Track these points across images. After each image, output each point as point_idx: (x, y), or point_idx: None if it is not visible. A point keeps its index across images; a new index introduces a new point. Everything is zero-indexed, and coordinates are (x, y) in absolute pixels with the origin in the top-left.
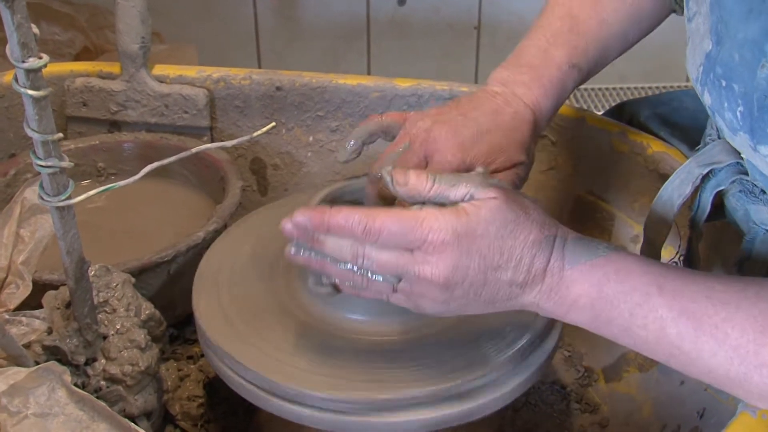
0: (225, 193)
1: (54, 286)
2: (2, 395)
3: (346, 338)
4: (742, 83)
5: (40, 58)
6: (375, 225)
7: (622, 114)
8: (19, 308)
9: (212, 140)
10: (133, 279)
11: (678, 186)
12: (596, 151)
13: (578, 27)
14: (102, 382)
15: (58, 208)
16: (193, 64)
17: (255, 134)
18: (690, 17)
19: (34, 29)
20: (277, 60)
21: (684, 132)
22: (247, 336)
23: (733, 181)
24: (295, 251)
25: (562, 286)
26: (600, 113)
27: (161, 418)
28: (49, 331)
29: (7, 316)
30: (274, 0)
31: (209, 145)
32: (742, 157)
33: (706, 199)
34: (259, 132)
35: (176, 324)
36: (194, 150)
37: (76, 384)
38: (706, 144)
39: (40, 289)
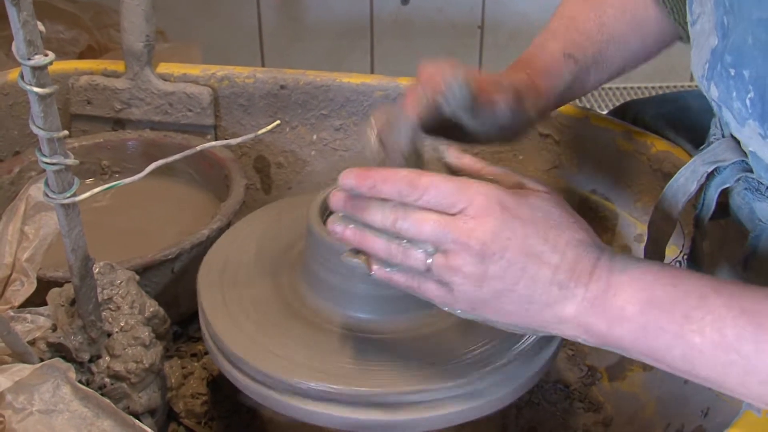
0: (229, 192)
1: (58, 284)
2: (7, 392)
3: (352, 336)
4: (754, 67)
5: (46, 56)
6: (422, 181)
7: (626, 114)
8: (24, 305)
9: (216, 138)
10: (138, 276)
11: (682, 184)
12: (600, 151)
13: (576, 25)
14: (106, 379)
15: (63, 206)
16: (197, 63)
17: (259, 132)
18: (693, 21)
19: (40, 27)
20: (281, 58)
21: (689, 132)
22: (252, 333)
23: (738, 179)
24: (340, 226)
25: (609, 293)
26: (604, 113)
27: (165, 416)
28: (54, 328)
29: (12, 313)
30: None
31: (213, 143)
32: (747, 155)
33: (711, 197)
34: (264, 130)
35: (180, 321)
36: (198, 148)
37: (81, 381)
38: (711, 144)
39: (45, 287)
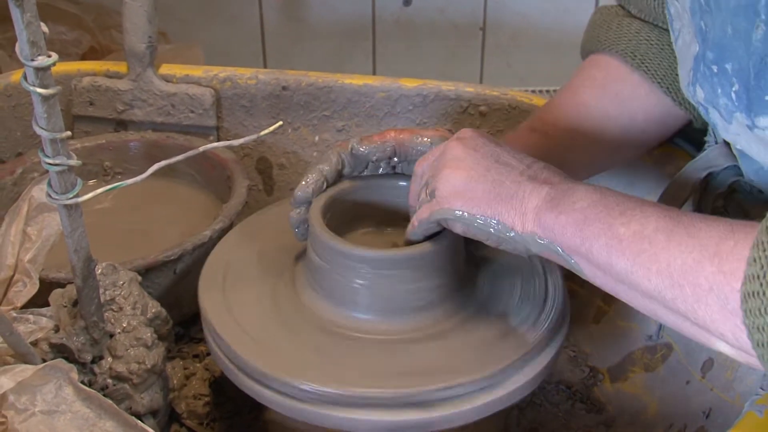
0: (231, 193)
1: (61, 285)
2: (10, 392)
3: (354, 338)
4: (736, 59)
5: (49, 57)
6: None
7: None
8: (27, 306)
9: (218, 140)
10: (140, 277)
11: (676, 190)
12: None
13: (550, 104)
14: (108, 380)
15: (66, 206)
16: (200, 64)
17: (261, 133)
18: (676, 38)
19: (43, 28)
20: (283, 60)
21: (690, 133)
22: (254, 334)
23: (731, 184)
24: None
25: (568, 193)
26: None
27: (167, 417)
28: (56, 329)
29: (15, 314)
30: (280, 0)
31: (216, 144)
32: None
33: (706, 204)
34: (266, 131)
35: (182, 322)
36: (201, 149)
37: (83, 382)
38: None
39: (47, 288)
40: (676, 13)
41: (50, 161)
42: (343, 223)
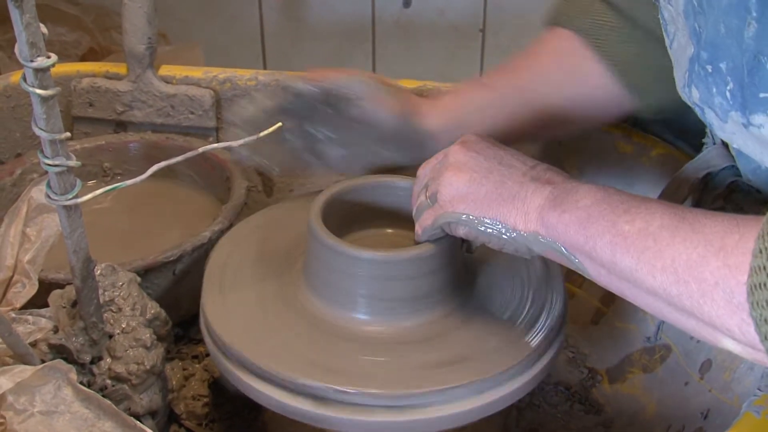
0: (230, 194)
1: (60, 285)
2: (9, 393)
3: (354, 338)
4: (729, 57)
5: (49, 58)
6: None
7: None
8: (26, 307)
9: (218, 141)
10: (139, 278)
11: (674, 192)
12: (600, 152)
13: (502, 66)
14: (107, 381)
15: (65, 207)
16: (199, 65)
17: (261, 134)
18: (671, 41)
19: (43, 29)
20: (283, 61)
21: (688, 134)
22: (253, 334)
23: (730, 184)
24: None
25: (572, 192)
26: None
27: (166, 417)
28: (55, 330)
29: (14, 315)
30: (280, 1)
31: (215, 145)
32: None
33: (705, 205)
34: (265, 132)
35: (181, 323)
36: (200, 150)
37: (82, 382)
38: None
39: (47, 288)
40: (670, 17)
41: (49, 162)
42: (342, 224)
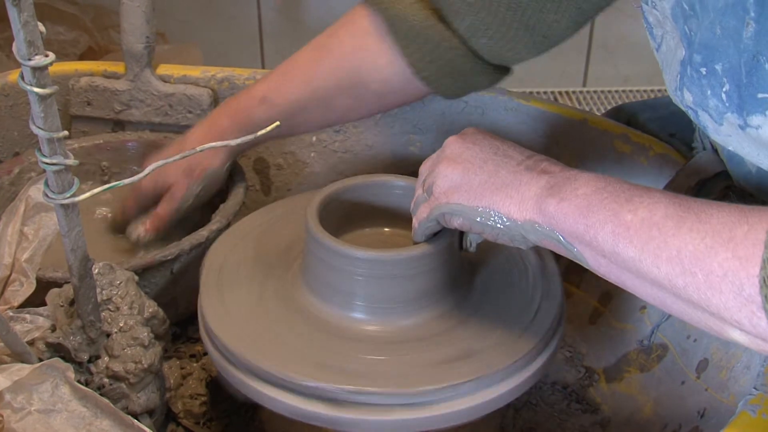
0: (228, 193)
1: (58, 284)
2: (6, 391)
3: (348, 336)
4: (726, 58)
5: (47, 56)
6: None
7: (620, 116)
8: (23, 305)
9: None
10: (137, 277)
11: None
12: (598, 153)
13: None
14: (105, 380)
15: (63, 206)
16: (198, 64)
17: (259, 133)
18: (658, 45)
19: (41, 27)
20: (281, 60)
21: (683, 136)
22: (252, 334)
23: (722, 191)
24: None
25: (570, 180)
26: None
27: (164, 416)
28: (53, 329)
29: (11, 314)
30: (279, 1)
31: (213, 144)
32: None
33: None
34: (263, 131)
35: (179, 322)
36: (198, 149)
37: (80, 381)
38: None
39: (44, 287)
40: (656, 21)
41: (47, 161)
42: (340, 223)
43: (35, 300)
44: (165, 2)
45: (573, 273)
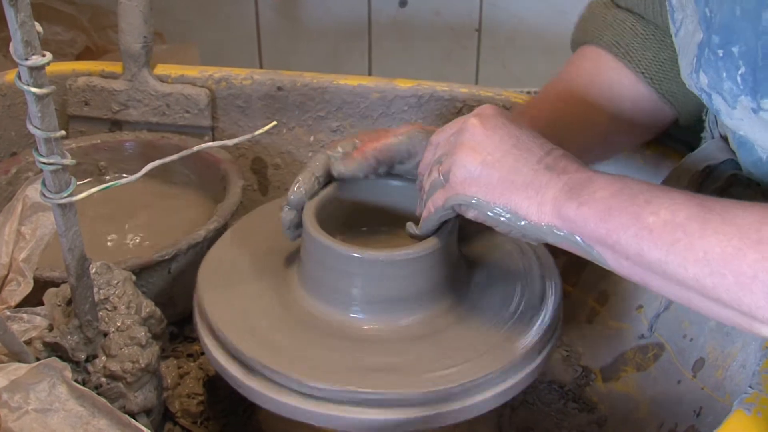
0: (226, 193)
1: (55, 284)
2: (3, 391)
3: (346, 335)
4: (743, 40)
5: (44, 56)
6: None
7: None
8: (21, 305)
9: (213, 140)
10: (134, 277)
11: (674, 184)
12: None
13: (539, 93)
14: (102, 379)
15: (60, 206)
16: (195, 64)
17: (256, 133)
18: (677, 30)
19: (38, 27)
20: (279, 60)
21: (681, 134)
22: (250, 333)
23: (729, 178)
24: None
25: (587, 182)
26: None
27: (161, 416)
28: (50, 328)
29: (9, 313)
30: (276, 0)
31: (210, 144)
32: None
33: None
34: (260, 131)
35: (176, 322)
36: (195, 149)
37: (77, 380)
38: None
39: (42, 287)
40: (678, 4)
41: (44, 160)
42: (337, 224)
43: (32, 299)
44: (163, 2)
45: (570, 273)
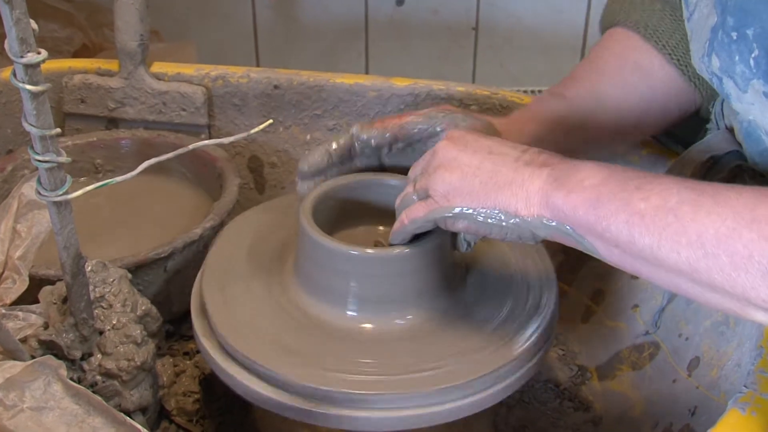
0: (222, 191)
1: (51, 282)
2: None
3: (341, 334)
4: (759, 23)
5: (39, 53)
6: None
7: None
8: (16, 303)
9: (210, 138)
10: (130, 275)
11: (677, 173)
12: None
13: (570, 75)
14: (98, 377)
15: (56, 203)
16: (192, 62)
17: (252, 131)
18: (690, 14)
19: (33, 25)
20: (276, 59)
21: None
22: (247, 332)
23: (733, 169)
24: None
25: (573, 171)
26: None
27: (156, 413)
28: (46, 326)
29: (4, 311)
30: None
31: (206, 142)
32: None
33: None
34: (256, 129)
35: (173, 320)
36: (192, 147)
37: (72, 378)
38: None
39: (37, 284)
40: None
41: (39, 158)
42: (333, 221)
43: (28, 297)
44: (160, 0)
45: (566, 272)
